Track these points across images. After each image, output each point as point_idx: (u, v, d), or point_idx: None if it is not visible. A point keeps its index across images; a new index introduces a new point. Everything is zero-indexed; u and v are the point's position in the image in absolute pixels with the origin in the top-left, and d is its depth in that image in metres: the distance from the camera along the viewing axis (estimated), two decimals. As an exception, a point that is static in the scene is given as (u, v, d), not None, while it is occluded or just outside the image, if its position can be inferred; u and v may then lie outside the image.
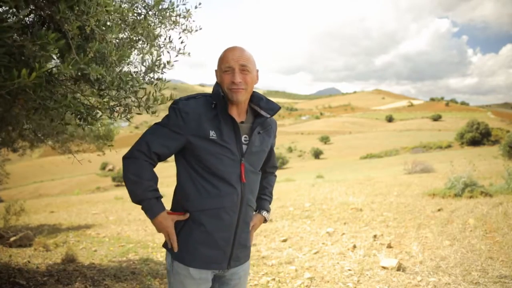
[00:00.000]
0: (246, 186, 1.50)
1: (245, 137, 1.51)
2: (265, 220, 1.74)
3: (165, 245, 1.54)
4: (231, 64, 1.43)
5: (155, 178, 1.46)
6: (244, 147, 1.50)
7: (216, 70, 1.51)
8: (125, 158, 1.46)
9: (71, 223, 7.76)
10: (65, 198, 17.90)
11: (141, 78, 1.92)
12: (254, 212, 1.67)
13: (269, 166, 1.76)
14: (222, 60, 1.46)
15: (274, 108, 1.55)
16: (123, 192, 18.73)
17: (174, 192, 1.56)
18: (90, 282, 3.40)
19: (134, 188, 1.43)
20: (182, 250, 1.47)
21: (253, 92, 1.55)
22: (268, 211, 1.74)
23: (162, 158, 1.47)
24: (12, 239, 5.00)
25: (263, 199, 1.75)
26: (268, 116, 1.54)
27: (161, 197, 1.47)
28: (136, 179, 1.42)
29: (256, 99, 1.56)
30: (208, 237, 1.45)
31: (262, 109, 1.54)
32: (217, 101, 1.45)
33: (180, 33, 2.05)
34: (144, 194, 1.42)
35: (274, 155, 1.76)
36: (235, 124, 1.45)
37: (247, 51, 1.47)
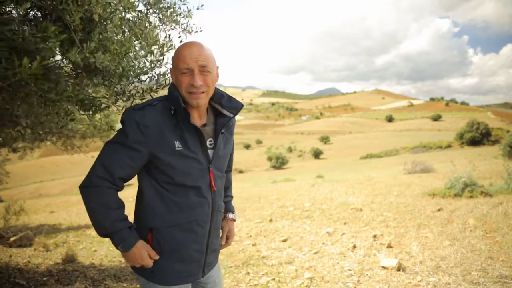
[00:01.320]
0: (216, 193, 1.42)
1: (210, 141, 1.40)
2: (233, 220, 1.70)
3: (135, 269, 1.42)
4: (190, 65, 1.27)
5: (122, 206, 1.34)
6: (211, 152, 1.39)
7: (171, 69, 1.36)
8: (83, 187, 1.29)
9: (71, 223, 7.76)
10: (65, 198, 17.90)
11: (145, 66, 1.92)
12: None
13: (228, 165, 1.67)
14: (179, 59, 1.29)
15: (237, 107, 1.43)
16: (123, 192, 18.69)
17: (135, 211, 1.44)
18: (90, 282, 3.41)
19: (102, 220, 1.28)
20: (156, 270, 1.37)
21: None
22: (233, 212, 1.70)
23: (128, 179, 1.35)
24: (12, 239, 5.00)
25: (227, 202, 1.69)
26: (232, 116, 1.42)
27: (133, 226, 1.35)
28: (102, 210, 1.27)
29: (217, 97, 1.43)
30: (181, 252, 1.37)
31: (225, 108, 1.43)
32: (177, 108, 1.30)
33: (179, 32, 2.05)
34: (114, 226, 1.28)
35: (232, 154, 1.67)
36: (199, 132, 1.32)
37: (206, 47, 1.32)
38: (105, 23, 1.52)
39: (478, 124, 51.46)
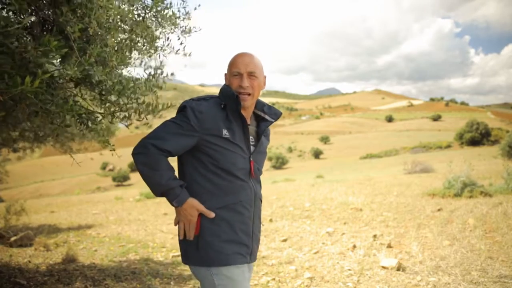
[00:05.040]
0: (255, 181, 1.59)
1: (251, 139, 1.60)
2: None
3: (192, 261, 1.48)
4: (240, 69, 1.51)
5: (172, 168, 1.47)
6: (252, 148, 1.58)
7: (225, 74, 1.59)
8: (136, 153, 1.43)
9: (72, 223, 7.77)
10: (65, 198, 17.92)
11: (142, 85, 1.92)
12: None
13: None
14: (232, 64, 1.55)
15: (277, 113, 1.67)
16: (123, 192, 18.72)
17: None
18: (91, 281, 3.41)
19: (157, 179, 1.41)
20: (210, 250, 1.46)
21: (257, 99, 1.64)
22: None
23: (173, 154, 1.47)
24: (12, 239, 5.00)
25: None
26: (273, 120, 1.65)
27: (184, 184, 1.47)
28: (155, 172, 1.41)
29: (260, 105, 1.66)
30: (231, 232, 1.48)
31: (266, 114, 1.65)
32: (229, 101, 1.50)
33: (179, 34, 2.05)
34: (168, 184, 1.42)
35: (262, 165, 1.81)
36: (244, 124, 1.52)
37: (257, 57, 1.57)
38: (104, 32, 1.53)
39: (477, 124, 51.40)
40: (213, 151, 1.46)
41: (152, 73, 2.02)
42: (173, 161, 1.60)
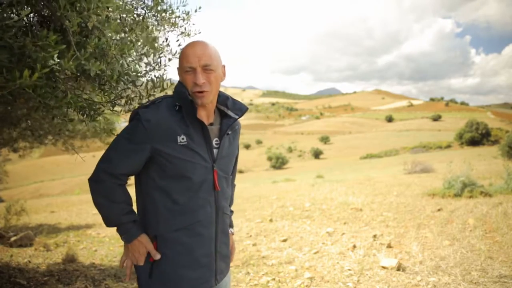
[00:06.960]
0: (220, 194, 1.40)
1: (216, 141, 1.40)
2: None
3: (142, 281, 1.39)
4: (193, 64, 1.30)
5: (127, 199, 1.36)
6: (215, 151, 1.38)
7: (178, 68, 1.38)
8: (91, 180, 1.34)
9: (72, 223, 7.77)
10: (65, 198, 17.91)
11: (141, 70, 1.92)
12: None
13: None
14: (183, 58, 1.32)
15: (241, 109, 1.47)
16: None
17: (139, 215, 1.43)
18: (91, 281, 3.41)
19: (107, 213, 1.34)
20: (166, 280, 1.34)
21: (219, 92, 1.45)
22: (232, 227, 1.67)
23: (131, 174, 1.36)
24: (12, 239, 5.00)
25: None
26: (237, 117, 1.44)
27: (137, 220, 1.37)
28: (107, 204, 1.32)
29: (223, 99, 1.46)
30: (189, 257, 1.34)
31: (230, 109, 1.45)
32: (183, 104, 1.31)
33: (178, 35, 2.04)
34: (118, 219, 1.33)
35: (236, 162, 1.63)
36: (204, 128, 1.33)
37: (211, 46, 1.34)
38: (103, 27, 1.52)
39: (477, 124, 51.44)
40: (168, 162, 1.29)
41: (150, 62, 2.01)
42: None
